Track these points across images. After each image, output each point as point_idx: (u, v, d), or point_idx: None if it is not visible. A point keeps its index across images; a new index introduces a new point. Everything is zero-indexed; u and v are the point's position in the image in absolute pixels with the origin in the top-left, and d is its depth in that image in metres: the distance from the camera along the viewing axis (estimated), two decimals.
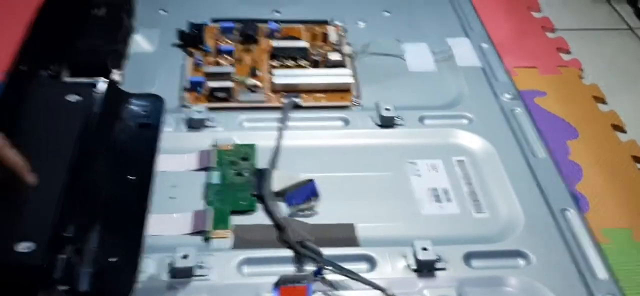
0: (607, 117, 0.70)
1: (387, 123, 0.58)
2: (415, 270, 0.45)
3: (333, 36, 0.69)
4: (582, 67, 0.78)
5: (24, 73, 0.54)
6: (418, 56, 0.68)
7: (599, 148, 0.63)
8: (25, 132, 0.50)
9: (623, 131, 0.68)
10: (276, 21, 0.70)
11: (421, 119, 0.60)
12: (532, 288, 0.45)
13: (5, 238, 0.41)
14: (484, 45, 0.71)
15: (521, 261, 0.47)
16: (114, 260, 0.44)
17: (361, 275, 0.44)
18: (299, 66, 0.64)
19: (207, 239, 0.47)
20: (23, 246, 0.40)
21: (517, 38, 0.82)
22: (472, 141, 0.58)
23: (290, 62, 0.64)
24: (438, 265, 0.45)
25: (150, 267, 0.44)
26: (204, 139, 0.55)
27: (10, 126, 0.50)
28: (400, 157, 0.56)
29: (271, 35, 0.69)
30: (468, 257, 0.47)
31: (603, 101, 0.73)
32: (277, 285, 0.42)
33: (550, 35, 0.85)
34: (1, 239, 0.41)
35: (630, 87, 0.76)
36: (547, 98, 0.72)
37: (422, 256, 0.45)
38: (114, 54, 0.61)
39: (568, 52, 0.82)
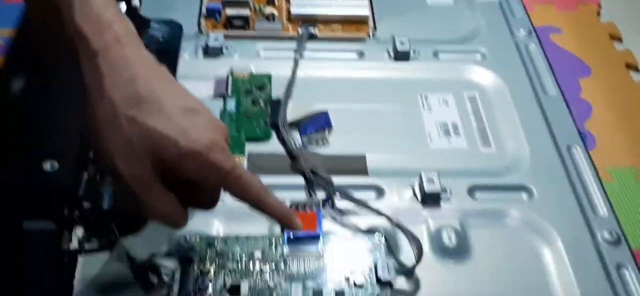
0: (622, 55, 0.70)
1: (401, 56, 0.59)
2: (420, 201, 0.47)
3: None
4: (600, 2, 0.78)
5: None
6: None
7: (610, 86, 0.63)
8: (49, 61, 0.52)
9: (637, 70, 0.68)
10: None
11: (435, 53, 0.61)
12: (533, 221, 0.47)
13: (32, 158, 0.43)
14: None
15: (524, 196, 0.49)
16: None
17: (369, 203, 0.46)
18: None
19: None
20: (49, 165, 0.42)
21: None
22: (484, 77, 0.59)
23: None
24: (443, 196, 0.47)
25: None
26: (220, 67, 0.57)
27: (34, 56, 0.52)
28: (413, 91, 0.57)
29: None
30: (472, 190, 0.48)
31: (619, 39, 0.73)
32: None
33: None
34: (28, 158, 0.43)
35: None
36: (562, 35, 0.72)
37: (428, 187, 0.47)
38: None
39: None
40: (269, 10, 0.62)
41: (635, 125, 0.59)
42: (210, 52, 0.58)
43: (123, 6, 0.56)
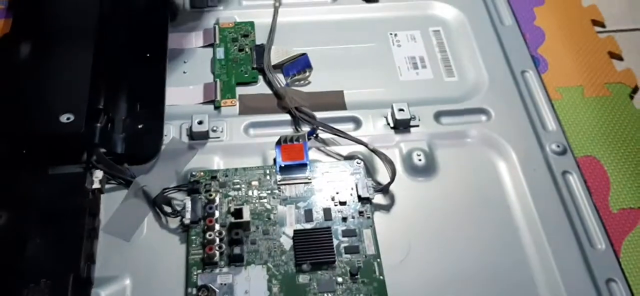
0: None
1: None
2: (393, 128, 0.54)
3: None
4: None
5: None
6: None
7: (562, 13, 0.69)
8: (51, 17, 0.56)
9: None
10: None
11: None
12: (490, 138, 0.53)
13: (50, 111, 0.49)
14: None
15: (483, 117, 0.55)
16: (141, 126, 0.52)
17: (348, 133, 0.52)
18: None
19: (217, 107, 0.55)
20: (65, 117, 0.48)
21: None
22: (446, 12, 0.64)
23: None
24: (412, 123, 0.54)
25: (172, 132, 0.52)
26: (207, 18, 0.62)
27: (36, 12, 0.57)
28: (383, 29, 0.62)
29: None
30: (438, 115, 0.55)
31: None
32: (279, 143, 0.50)
33: None
34: (47, 112, 0.49)
35: None
36: None
37: (399, 116, 0.53)
38: None
39: None
40: None
41: (583, 47, 0.65)
42: (196, 5, 0.63)
43: None
